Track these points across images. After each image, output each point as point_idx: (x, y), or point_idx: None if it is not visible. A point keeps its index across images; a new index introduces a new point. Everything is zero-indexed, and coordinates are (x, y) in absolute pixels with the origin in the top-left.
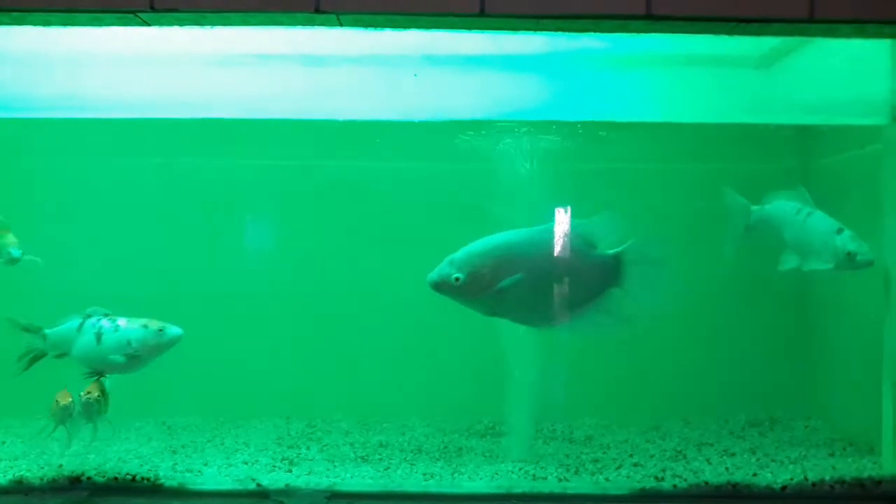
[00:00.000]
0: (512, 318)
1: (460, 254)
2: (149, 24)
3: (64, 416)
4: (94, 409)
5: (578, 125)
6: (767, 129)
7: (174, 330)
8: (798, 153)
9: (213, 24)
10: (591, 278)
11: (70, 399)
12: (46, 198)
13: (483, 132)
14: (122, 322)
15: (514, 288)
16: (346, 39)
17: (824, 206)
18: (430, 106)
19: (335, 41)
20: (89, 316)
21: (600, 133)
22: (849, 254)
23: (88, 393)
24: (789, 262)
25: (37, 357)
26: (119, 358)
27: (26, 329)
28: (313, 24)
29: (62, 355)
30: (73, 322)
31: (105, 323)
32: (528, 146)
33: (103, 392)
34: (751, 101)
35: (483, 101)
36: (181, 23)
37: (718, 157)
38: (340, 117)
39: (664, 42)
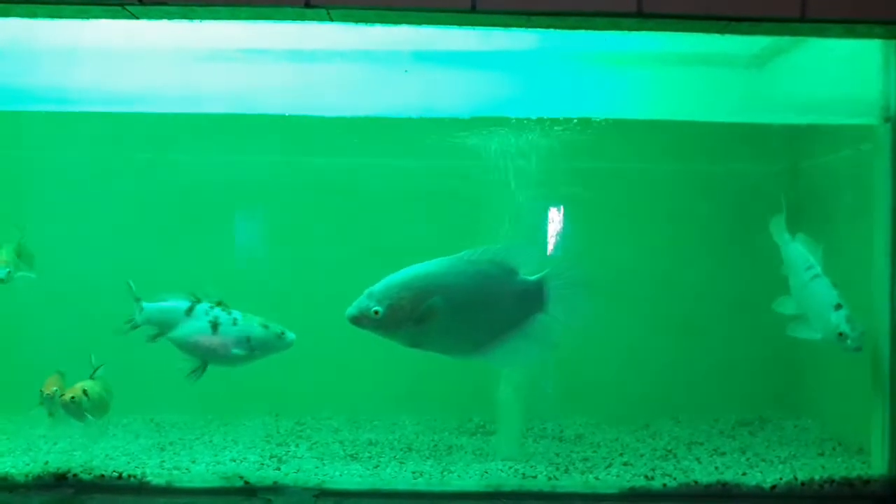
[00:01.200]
0: (435, 349)
1: (378, 286)
2: (137, 18)
3: (50, 406)
4: (78, 410)
5: (567, 122)
6: (757, 128)
7: (291, 336)
8: (788, 153)
9: (201, 17)
10: (513, 305)
11: (55, 388)
12: (35, 192)
13: (475, 129)
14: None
15: (436, 318)
16: (336, 35)
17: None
18: (420, 103)
19: (325, 37)
20: (198, 300)
21: (584, 131)
22: (840, 334)
23: (73, 397)
24: (785, 308)
25: (134, 326)
26: (240, 352)
27: (136, 298)
28: (303, 20)
29: (158, 335)
30: (180, 303)
31: (219, 310)
32: (517, 143)
33: (106, 392)
34: (742, 101)
35: (473, 98)
36: (170, 16)
37: (707, 157)
38: (330, 113)
39: (656, 41)
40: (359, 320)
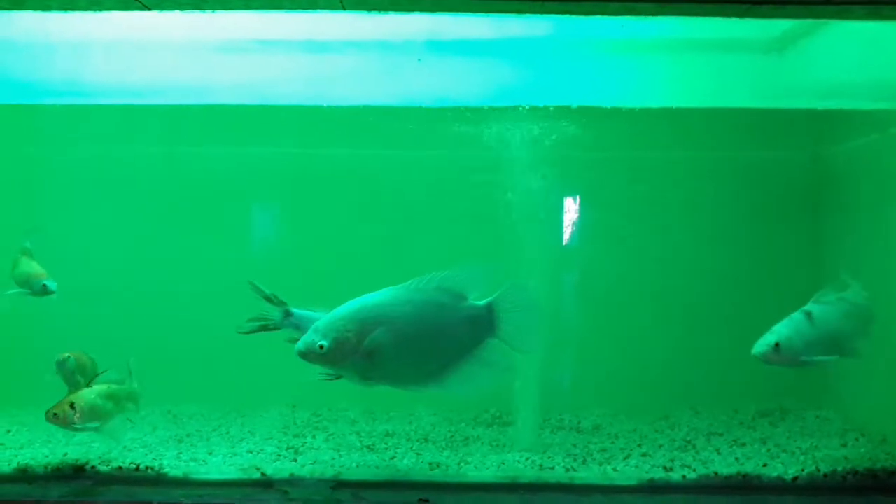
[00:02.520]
0: (386, 381)
1: (323, 320)
2: (149, 9)
3: (62, 371)
4: (64, 424)
5: (579, 110)
6: (780, 114)
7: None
8: (811, 140)
9: (213, 7)
10: (464, 331)
11: (67, 354)
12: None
13: (490, 118)
14: None
15: (383, 350)
16: (349, 25)
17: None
18: (434, 92)
19: (338, 26)
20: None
21: (602, 120)
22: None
23: (55, 413)
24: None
25: (266, 328)
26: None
27: (268, 299)
28: (316, 8)
29: (295, 340)
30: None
31: None
32: (531, 132)
33: (105, 398)
34: (762, 86)
35: (488, 87)
36: (181, 7)
37: (727, 145)
38: (344, 103)
39: (674, 26)
40: (306, 355)
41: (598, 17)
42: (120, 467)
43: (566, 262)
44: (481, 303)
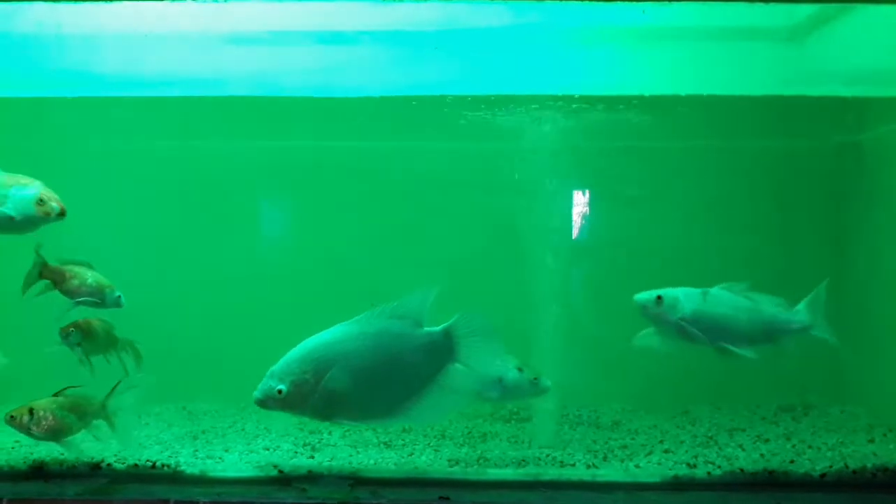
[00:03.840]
0: (349, 418)
1: (278, 365)
2: None
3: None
4: (58, 426)
5: (601, 99)
6: (804, 102)
7: (546, 382)
8: (835, 128)
9: None
10: (423, 359)
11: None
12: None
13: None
14: None
15: (344, 386)
16: (363, 14)
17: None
18: (448, 81)
19: (352, 16)
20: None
21: (619, 107)
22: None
23: (12, 416)
24: None
25: None
26: (494, 394)
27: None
28: None
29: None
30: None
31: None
32: (550, 121)
33: (65, 411)
34: (785, 74)
35: (508, 76)
36: None
37: (750, 134)
38: (359, 93)
39: (698, 13)
40: (264, 403)
41: (621, 3)
42: (136, 465)
43: (583, 256)
44: (438, 328)
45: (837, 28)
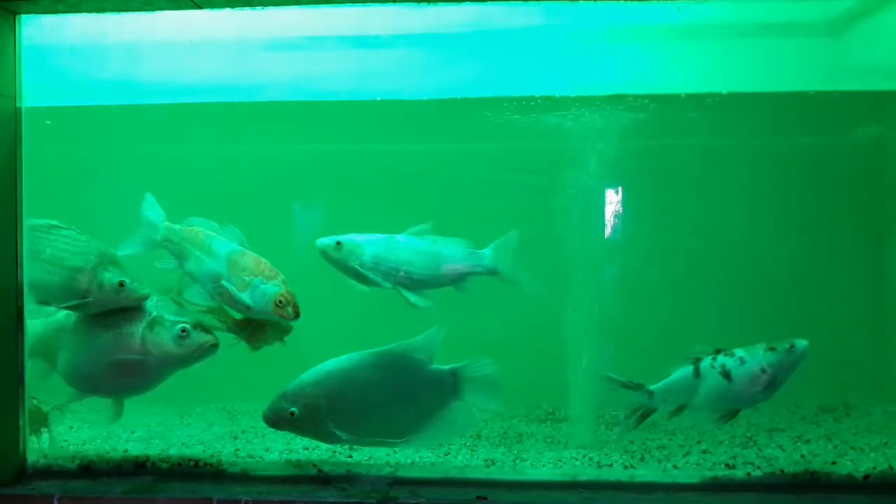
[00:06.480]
0: (353, 443)
1: (291, 386)
2: (200, 7)
3: None
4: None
5: (637, 97)
6: (842, 97)
7: (802, 343)
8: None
9: (263, 4)
10: (429, 395)
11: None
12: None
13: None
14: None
15: (352, 413)
16: (397, 18)
17: None
18: (483, 81)
19: (387, 21)
20: (698, 359)
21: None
22: None
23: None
24: None
25: (646, 414)
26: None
27: (626, 386)
28: (364, 2)
29: (680, 409)
30: (684, 371)
31: (722, 358)
32: (589, 121)
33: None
34: (823, 68)
35: (543, 76)
36: (232, 4)
37: (788, 131)
38: (394, 97)
39: (733, 10)
40: (276, 423)
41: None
42: (179, 463)
43: (622, 254)
44: (446, 367)
45: (876, 21)
